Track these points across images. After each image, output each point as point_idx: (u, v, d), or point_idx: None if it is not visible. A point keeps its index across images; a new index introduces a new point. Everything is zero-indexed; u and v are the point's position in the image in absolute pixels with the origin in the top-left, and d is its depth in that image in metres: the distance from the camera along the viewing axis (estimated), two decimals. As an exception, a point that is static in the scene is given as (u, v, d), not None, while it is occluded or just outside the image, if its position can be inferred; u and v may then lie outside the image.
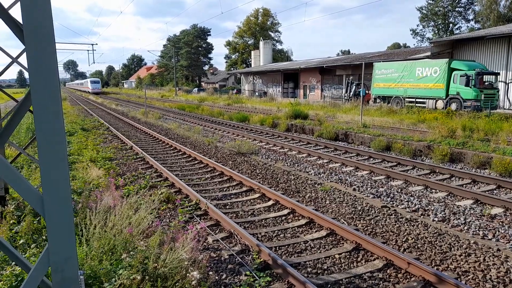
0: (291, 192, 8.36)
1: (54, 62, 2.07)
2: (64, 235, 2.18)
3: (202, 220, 6.60)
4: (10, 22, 2.19)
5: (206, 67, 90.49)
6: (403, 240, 5.81)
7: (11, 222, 5.21)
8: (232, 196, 8.19)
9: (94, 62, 60.88)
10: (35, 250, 4.36)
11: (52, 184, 2.12)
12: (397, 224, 6.44)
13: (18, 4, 1.99)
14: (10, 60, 4.23)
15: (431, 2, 61.35)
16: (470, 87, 22.25)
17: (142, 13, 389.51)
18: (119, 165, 10.78)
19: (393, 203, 7.60)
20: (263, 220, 6.72)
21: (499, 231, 6.16)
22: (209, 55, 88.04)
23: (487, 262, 5.10)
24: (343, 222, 6.51)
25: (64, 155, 2.14)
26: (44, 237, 4.71)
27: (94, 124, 21.49)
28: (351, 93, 32.86)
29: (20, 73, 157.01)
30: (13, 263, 3.64)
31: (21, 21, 2.01)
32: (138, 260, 3.83)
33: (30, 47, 2.01)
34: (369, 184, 9.01)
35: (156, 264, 3.85)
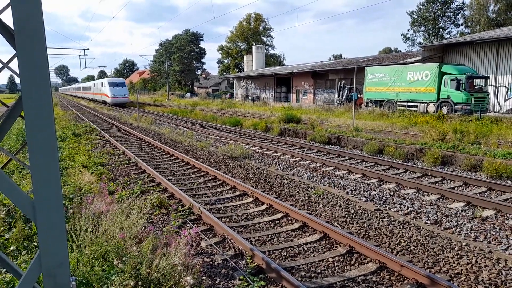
0: (285, 196, 8.36)
1: (45, 67, 2.07)
2: (55, 241, 2.16)
3: (195, 225, 6.57)
4: (1, 27, 2.18)
5: (198, 72, 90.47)
6: (396, 243, 5.84)
7: (1, 228, 5.15)
8: (225, 200, 8.17)
9: (86, 67, 59.98)
10: (26, 257, 4.32)
11: (43, 190, 2.11)
12: (390, 227, 6.47)
13: (9, 9, 1.98)
14: (1, 65, 4.20)
15: (421, 7, 62.17)
16: (461, 91, 22.51)
17: (134, 18, 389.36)
18: (111, 170, 10.71)
19: (386, 206, 7.64)
20: (257, 224, 6.71)
21: (490, 233, 6.22)
22: (202, 60, 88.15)
23: (479, 264, 5.14)
24: (337, 226, 6.53)
25: (55, 160, 2.12)
26: (35, 243, 4.66)
27: (86, 129, 21.33)
28: (344, 97, 33.05)
29: (11, 78, 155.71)
30: (4, 269, 3.60)
31: (12, 26, 2.00)
32: (130, 265, 3.80)
33: (21, 52, 2.00)
34: (362, 187, 9.05)
35: (149, 270, 3.82)
